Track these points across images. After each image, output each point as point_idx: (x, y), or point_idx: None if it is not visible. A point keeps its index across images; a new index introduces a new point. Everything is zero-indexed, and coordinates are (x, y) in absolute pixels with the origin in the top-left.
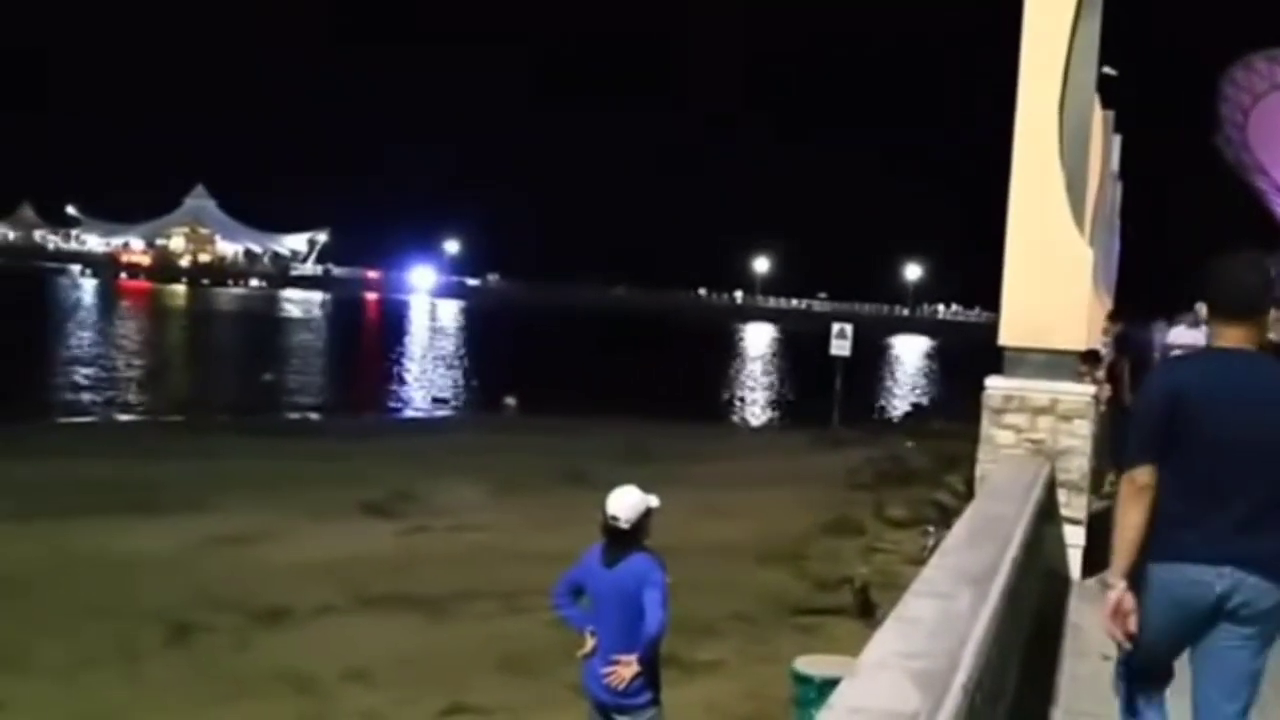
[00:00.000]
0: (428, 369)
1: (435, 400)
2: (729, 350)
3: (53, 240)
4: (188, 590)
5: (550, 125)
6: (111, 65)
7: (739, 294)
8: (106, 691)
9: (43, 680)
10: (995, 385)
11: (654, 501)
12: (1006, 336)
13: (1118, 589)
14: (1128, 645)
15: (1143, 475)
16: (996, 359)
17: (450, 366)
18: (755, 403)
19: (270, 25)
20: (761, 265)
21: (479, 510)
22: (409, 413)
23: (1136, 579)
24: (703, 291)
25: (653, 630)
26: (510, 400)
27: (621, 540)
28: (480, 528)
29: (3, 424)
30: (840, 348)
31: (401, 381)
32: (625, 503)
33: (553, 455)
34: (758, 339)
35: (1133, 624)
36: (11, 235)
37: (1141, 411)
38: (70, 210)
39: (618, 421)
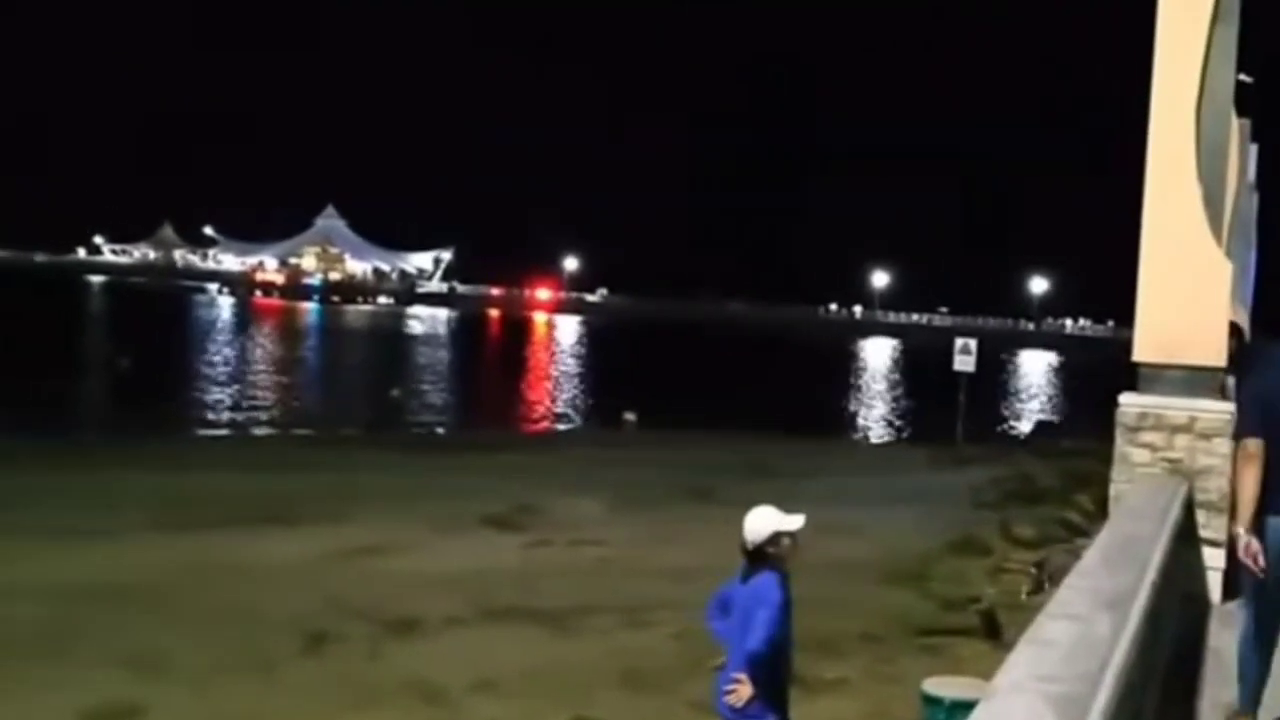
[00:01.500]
0: (548, 385)
1: (556, 415)
2: (849, 366)
3: (191, 260)
4: (321, 600)
5: (663, 141)
6: (248, 91)
7: (858, 309)
8: (243, 698)
9: (182, 686)
10: (1130, 402)
11: (788, 523)
12: (1142, 352)
13: (1245, 536)
14: (1261, 575)
15: (1252, 445)
16: (1129, 375)
17: (570, 382)
18: (876, 419)
19: (399, 51)
20: (881, 280)
21: (600, 525)
22: (531, 427)
23: (1261, 529)
24: (834, 307)
25: (749, 647)
26: (630, 415)
27: (750, 559)
28: (601, 542)
29: (147, 438)
30: (964, 363)
31: (523, 397)
32: (751, 524)
33: (672, 470)
34: (878, 354)
35: (1263, 560)
36: (153, 255)
37: (1250, 398)
38: (208, 231)
39: (737, 437)
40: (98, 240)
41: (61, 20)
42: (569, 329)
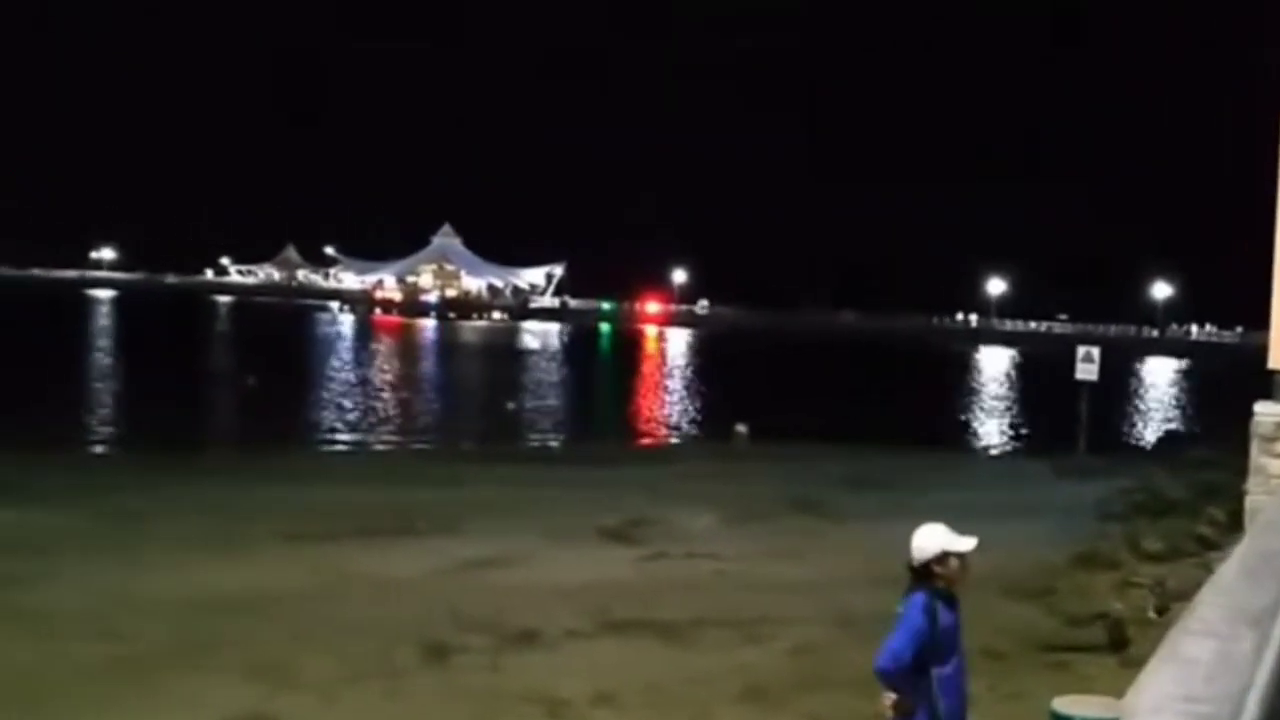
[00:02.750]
0: (660, 397)
1: (668, 428)
2: (964, 375)
3: (314, 279)
4: (442, 611)
5: (770, 150)
6: (365, 113)
7: (973, 317)
8: (370, 708)
9: (310, 694)
10: (1266, 411)
11: (959, 544)
12: (1277, 359)
13: None
14: None
15: None
16: (1263, 383)
17: (681, 395)
18: (994, 430)
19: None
20: (996, 287)
21: (714, 538)
22: (643, 440)
23: None
24: (961, 317)
25: (876, 663)
26: (741, 428)
27: (914, 577)
28: (716, 555)
29: (274, 453)
30: (1086, 371)
31: (635, 410)
32: (918, 541)
33: (785, 483)
34: (994, 363)
35: None
36: (277, 275)
37: None
38: (329, 251)
39: (850, 449)
40: (224, 261)
41: (186, 53)
42: (679, 341)
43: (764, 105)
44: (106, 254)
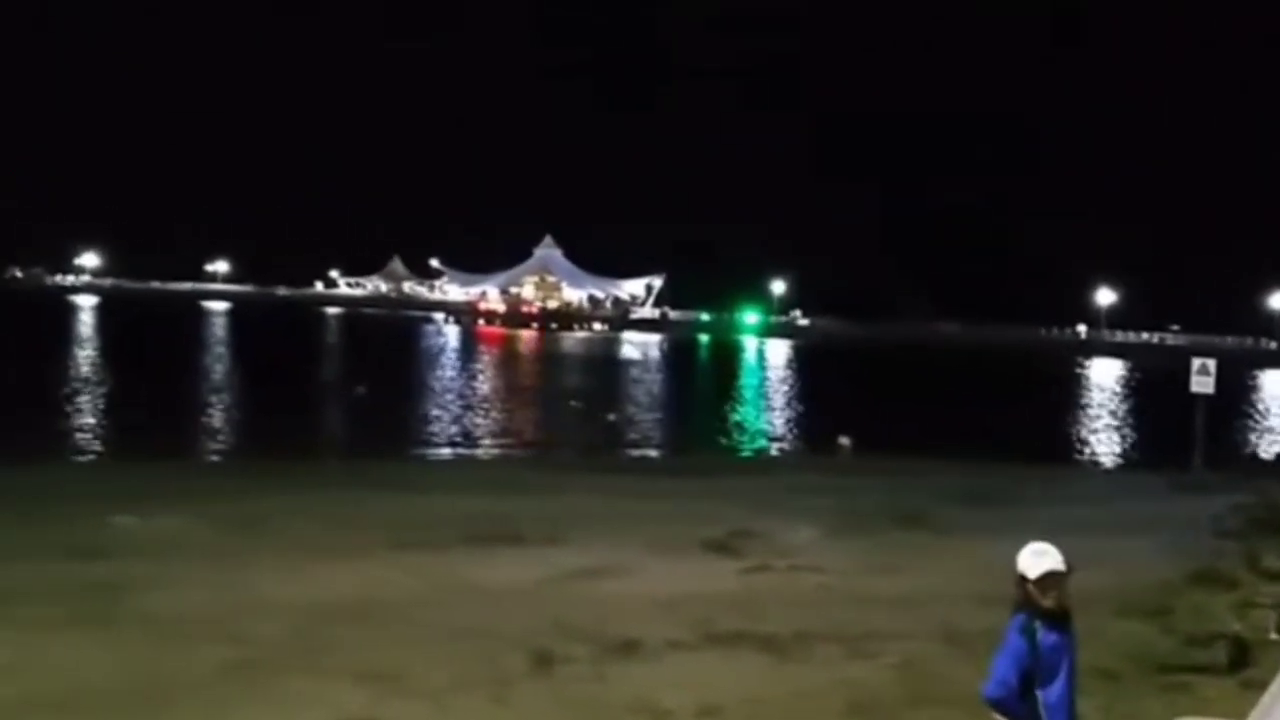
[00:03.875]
0: (761, 409)
1: (770, 439)
2: (1073, 387)
3: (420, 291)
4: (546, 620)
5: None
6: (470, 128)
7: (1082, 328)
8: (477, 713)
9: (420, 700)
10: None
11: (1036, 565)
12: None
13: None
14: None
15: None
16: None
17: (782, 406)
18: (1105, 443)
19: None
20: (1106, 297)
21: (818, 550)
22: (745, 452)
23: None
24: (1069, 328)
25: (984, 692)
26: (844, 440)
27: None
28: (819, 568)
29: (377, 461)
30: (1202, 384)
31: (736, 421)
32: (1021, 560)
33: (889, 496)
34: (1105, 375)
35: None
36: (384, 287)
37: None
38: (434, 263)
39: (956, 462)
40: (333, 274)
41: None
42: (779, 352)
43: (852, 117)
44: (221, 267)
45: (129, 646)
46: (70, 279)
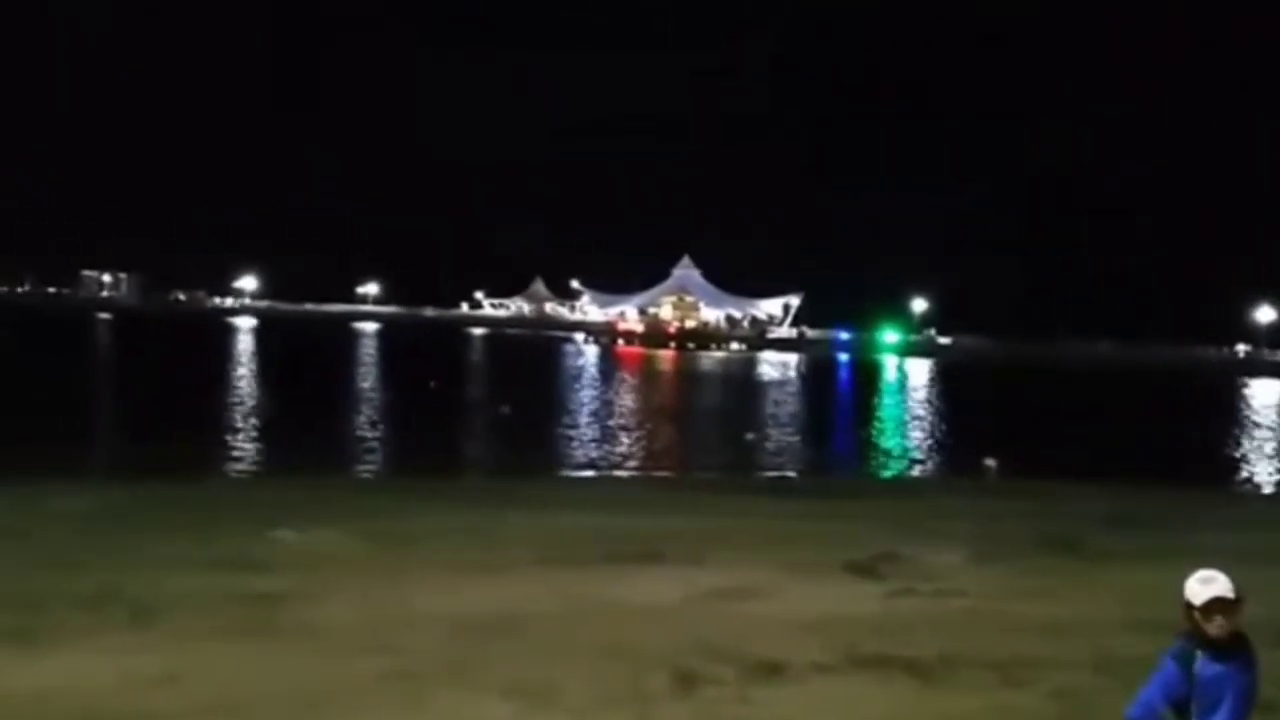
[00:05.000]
0: (902, 429)
1: (912, 461)
2: (1233, 408)
3: (561, 311)
4: (689, 639)
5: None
6: (610, 152)
7: (1241, 347)
8: None
9: (564, 716)
10: None
11: (1213, 590)
12: None
13: None
14: None
15: None
16: None
17: (925, 427)
18: (1268, 468)
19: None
20: (1266, 314)
21: (963, 574)
22: (885, 473)
23: None
24: (1244, 349)
25: (1126, 712)
26: (990, 462)
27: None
28: (965, 593)
29: (521, 479)
30: None
31: (877, 442)
32: (1189, 587)
33: (1037, 519)
34: (1266, 396)
35: None
36: (526, 308)
37: None
38: (574, 284)
39: (1109, 485)
40: (478, 295)
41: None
42: (920, 371)
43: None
44: (371, 289)
45: (288, 656)
46: (229, 301)
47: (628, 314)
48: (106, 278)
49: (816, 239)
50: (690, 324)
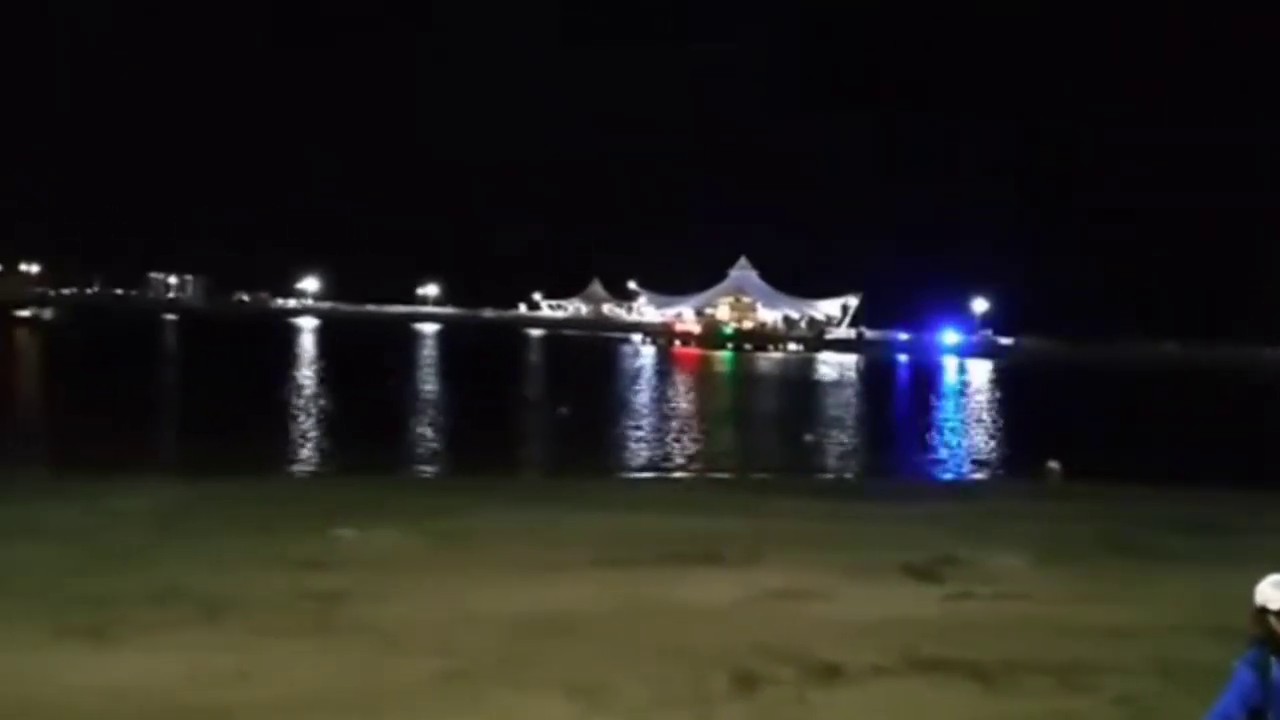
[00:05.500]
0: (962, 431)
1: (972, 463)
2: None
3: (618, 312)
4: (746, 641)
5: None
6: (669, 155)
7: None
8: None
9: (624, 717)
10: None
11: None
12: None
13: None
14: None
15: None
16: None
17: (985, 429)
18: None
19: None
20: None
21: (1025, 578)
22: (945, 476)
23: None
24: None
25: None
26: (1053, 464)
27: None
28: (1027, 596)
29: (578, 479)
30: None
31: (936, 444)
32: (1261, 589)
33: (1102, 523)
34: None
35: None
36: (584, 309)
37: None
38: (631, 285)
39: (1174, 488)
40: (535, 296)
41: (493, 103)
42: (981, 373)
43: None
44: (431, 290)
45: (349, 654)
46: (292, 302)
47: (684, 315)
48: (173, 280)
49: (877, 239)
50: (747, 325)
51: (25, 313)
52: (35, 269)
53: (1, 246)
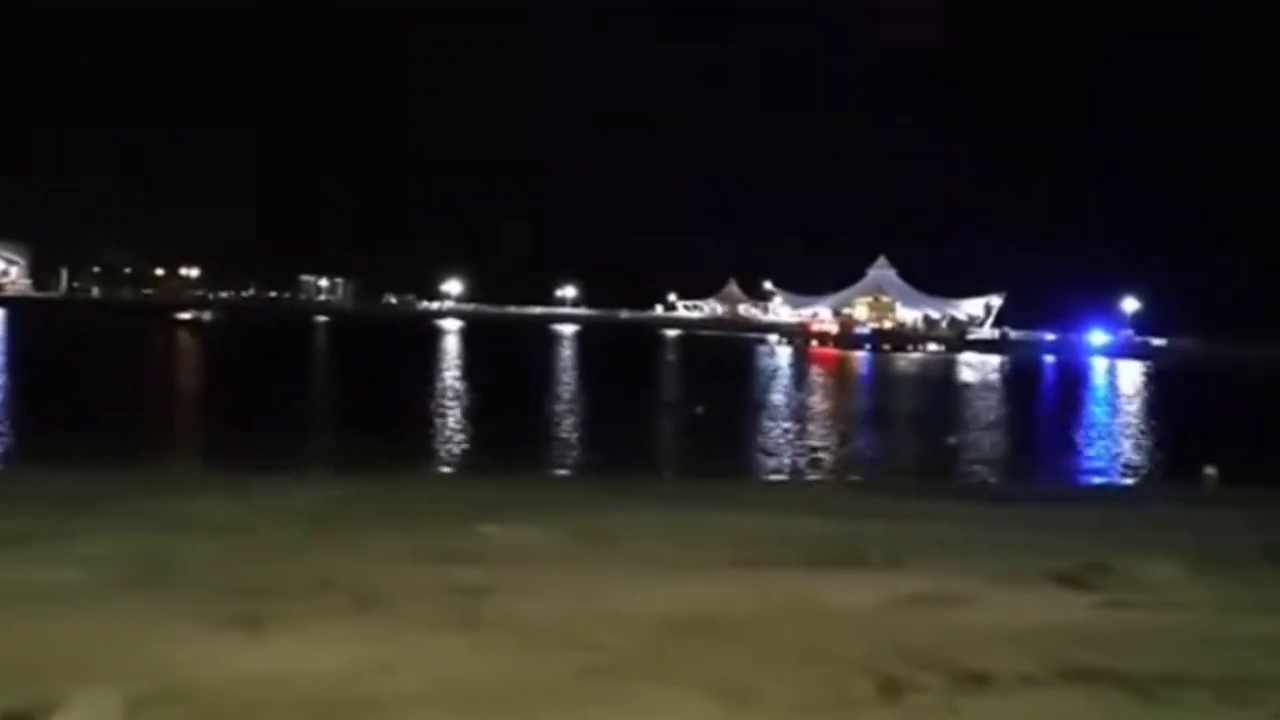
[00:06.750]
0: (1112, 434)
1: (1123, 468)
2: None
3: (754, 313)
4: (889, 646)
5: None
6: (803, 154)
7: None
8: None
9: (768, 719)
10: None
11: None
12: None
13: None
14: None
15: None
16: None
17: (1136, 432)
18: None
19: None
20: None
21: (1180, 587)
22: (1095, 480)
23: None
24: None
25: None
26: (1210, 470)
27: None
28: (1183, 606)
29: (716, 479)
30: None
31: (1084, 447)
32: None
33: (1263, 531)
34: None
35: None
36: (719, 309)
37: None
38: (766, 285)
39: None
40: (671, 297)
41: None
42: (1131, 374)
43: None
44: (568, 292)
45: (493, 648)
46: (436, 304)
47: (821, 314)
48: (324, 282)
49: (1020, 237)
50: (886, 324)
51: (186, 315)
52: (195, 273)
53: (163, 251)
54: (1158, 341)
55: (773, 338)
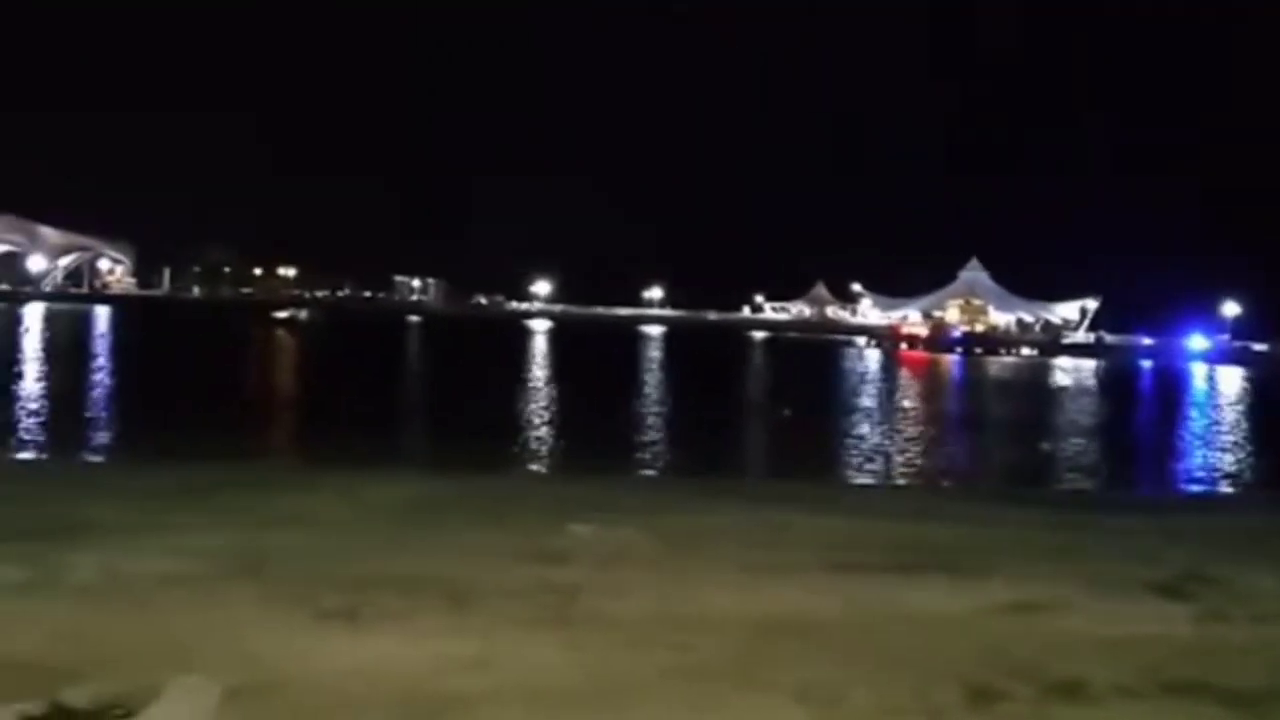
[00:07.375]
0: (1211, 442)
1: (1223, 476)
2: None
3: (842, 315)
4: (978, 653)
5: None
6: (895, 156)
7: None
8: None
9: None
10: None
11: None
12: None
13: None
14: None
15: None
16: None
17: (1237, 439)
18: None
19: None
20: None
21: None
22: (1193, 489)
23: None
24: None
25: None
26: None
27: None
28: None
29: (804, 482)
30: None
31: (1182, 454)
32: None
33: None
34: None
35: None
36: (808, 311)
37: None
38: (855, 287)
39: None
40: (759, 299)
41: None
42: (1233, 381)
43: None
44: (656, 293)
45: (583, 647)
46: (525, 305)
47: (911, 317)
48: (416, 283)
49: (1117, 239)
50: (979, 328)
51: (283, 314)
52: (291, 272)
53: (261, 251)
54: (1259, 346)
55: (861, 340)
